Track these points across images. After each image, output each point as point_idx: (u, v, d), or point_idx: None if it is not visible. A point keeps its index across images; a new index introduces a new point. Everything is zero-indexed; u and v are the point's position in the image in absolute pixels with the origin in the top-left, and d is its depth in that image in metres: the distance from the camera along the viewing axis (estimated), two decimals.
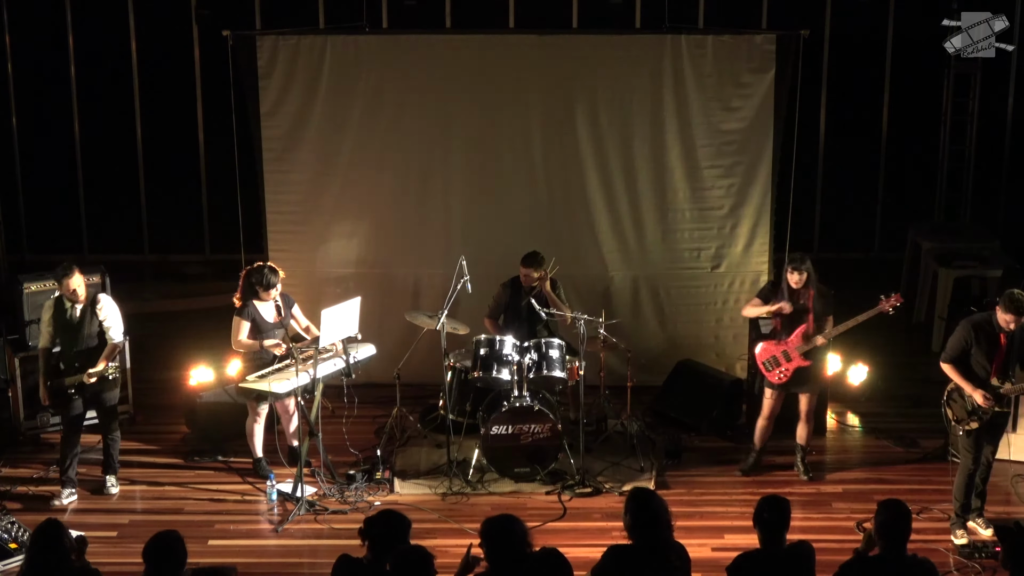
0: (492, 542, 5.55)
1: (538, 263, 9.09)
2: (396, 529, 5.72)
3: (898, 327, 11.52)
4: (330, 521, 8.14)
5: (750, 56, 9.80)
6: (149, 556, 5.59)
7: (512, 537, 5.57)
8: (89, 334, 8.35)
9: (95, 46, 12.41)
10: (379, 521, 5.74)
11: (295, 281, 9.56)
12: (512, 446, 8.58)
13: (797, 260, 8.45)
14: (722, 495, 8.57)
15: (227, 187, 11.33)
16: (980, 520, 7.96)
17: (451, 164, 10.08)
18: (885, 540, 5.72)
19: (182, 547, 5.65)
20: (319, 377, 8.30)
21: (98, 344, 8.39)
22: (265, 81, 9.84)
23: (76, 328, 8.33)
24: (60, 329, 8.36)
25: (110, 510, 8.38)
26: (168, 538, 5.64)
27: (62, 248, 12.53)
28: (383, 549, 5.64)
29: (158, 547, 5.60)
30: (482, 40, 10.18)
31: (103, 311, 8.39)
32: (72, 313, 8.33)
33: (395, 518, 5.77)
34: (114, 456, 8.64)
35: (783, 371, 8.54)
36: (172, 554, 5.60)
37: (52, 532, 5.72)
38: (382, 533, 5.69)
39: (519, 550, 5.57)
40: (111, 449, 8.62)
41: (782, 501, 5.84)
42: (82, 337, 8.33)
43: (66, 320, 8.33)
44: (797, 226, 10.14)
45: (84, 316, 8.33)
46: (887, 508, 5.77)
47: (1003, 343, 7.63)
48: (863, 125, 12.63)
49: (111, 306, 8.49)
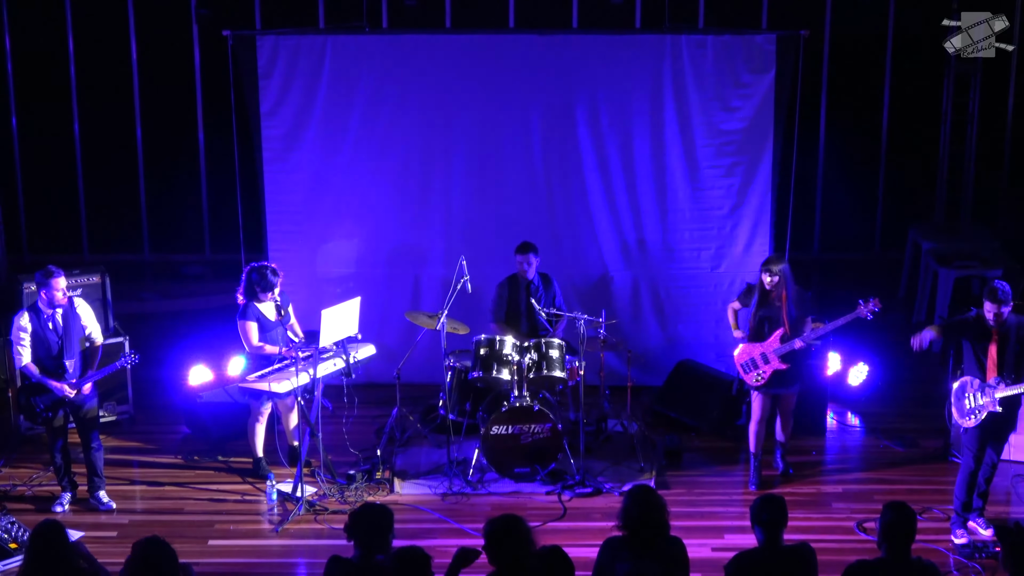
0: (497, 542, 5.55)
1: (535, 247, 9.18)
2: (379, 522, 5.71)
3: (898, 327, 11.53)
4: (330, 521, 8.14)
5: (750, 56, 9.80)
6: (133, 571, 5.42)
7: (517, 537, 5.58)
8: (77, 337, 8.26)
9: (95, 46, 12.40)
10: (361, 517, 5.73)
11: (295, 281, 9.56)
12: (512, 446, 8.58)
13: (770, 262, 8.45)
14: (722, 495, 8.57)
15: (227, 187, 11.34)
16: (980, 520, 7.96)
17: (451, 164, 10.09)
18: (889, 543, 5.71)
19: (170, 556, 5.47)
20: (319, 377, 8.30)
21: (82, 348, 8.31)
22: (265, 81, 9.85)
23: (63, 333, 8.19)
24: (41, 340, 8.14)
25: (110, 510, 8.37)
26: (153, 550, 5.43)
27: (62, 248, 12.53)
28: (369, 544, 5.66)
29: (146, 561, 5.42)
30: (482, 40, 10.18)
31: (85, 315, 8.31)
32: (54, 320, 8.16)
33: (376, 511, 5.76)
34: (99, 470, 8.40)
35: (760, 374, 8.49)
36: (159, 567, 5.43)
37: (51, 533, 5.70)
38: (366, 529, 5.69)
39: (524, 550, 5.57)
40: (96, 465, 8.38)
41: (778, 500, 5.83)
42: (71, 340, 8.22)
43: (48, 329, 8.15)
44: (797, 226, 10.15)
45: (67, 319, 8.21)
46: (892, 511, 5.75)
47: (995, 338, 7.66)
48: (863, 125, 12.63)
49: (87, 308, 8.42)
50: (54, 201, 12.80)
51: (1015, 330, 7.64)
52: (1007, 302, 7.55)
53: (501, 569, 5.56)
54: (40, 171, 12.76)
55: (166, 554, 5.45)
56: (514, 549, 5.53)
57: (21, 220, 12.78)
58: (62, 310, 8.17)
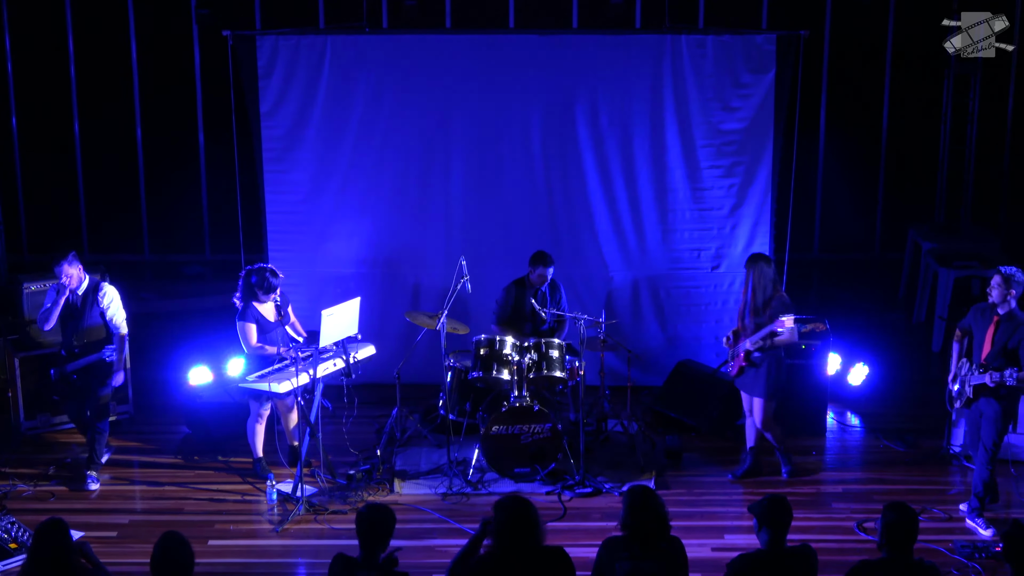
0: (506, 522, 5.59)
1: (551, 259, 9.21)
2: (381, 523, 5.75)
3: (898, 327, 11.55)
4: (330, 521, 8.14)
5: (750, 56, 9.80)
6: (157, 564, 5.54)
7: (526, 519, 5.62)
8: (90, 321, 8.49)
9: (95, 46, 12.41)
10: (363, 517, 5.77)
11: (295, 281, 9.56)
12: (512, 446, 8.58)
13: (750, 258, 8.52)
14: (722, 495, 8.56)
15: (227, 187, 11.35)
16: (980, 520, 7.95)
17: (451, 164, 10.08)
18: (891, 544, 5.71)
19: (188, 553, 5.60)
20: (319, 377, 8.30)
21: (98, 333, 8.52)
22: (265, 81, 9.85)
23: (76, 315, 8.48)
24: (64, 316, 8.51)
25: (110, 510, 8.38)
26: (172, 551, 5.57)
27: (62, 248, 12.49)
28: (373, 543, 5.71)
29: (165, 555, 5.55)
30: (482, 40, 10.18)
31: (106, 299, 8.54)
32: (73, 299, 8.47)
33: (377, 512, 5.79)
34: (98, 451, 8.65)
35: (733, 364, 8.61)
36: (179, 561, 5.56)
37: (54, 532, 5.70)
38: (367, 529, 5.73)
39: (532, 538, 5.60)
40: (95, 444, 8.63)
41: (782, 501, 5.84)
42: (81, 323, 8.48)
43: (68, 305, 8.49)
44: (797, 226, 10.14)
45: (85, 303, 8.47)
46: (892, 511, 5.76)
47: (992, 325, 7.75)
48: (863, 125, 12.64)
49: (114, 295, 8.61)
50: (54, 201, 12.81)
51: (1006, 322, 7.74)
52: (1013, 285, 7.69)
53: (506, 552, 5.56)
54: (40, 171, 12.77)
55: (186, 548, 5.60)
56: (521, 529, 5.55)
57: (21, 220, 12.80)
58: (83, 293, 8.47)
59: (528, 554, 5.64)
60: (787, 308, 8.30)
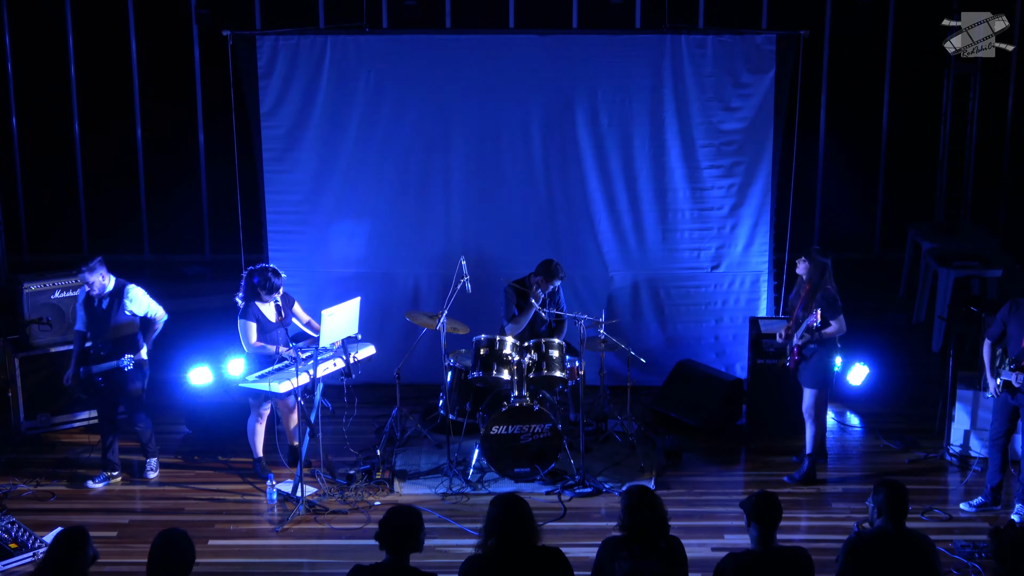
0: (498, 517, 5.61)
1: (562, 272, 9.19)
2: (409, 524, 5.69)
3: (898, 327, 11.55)
4: (330, 521, 8.14)
5: (750, 56, 9.80)
6: (155, 556, 5.49)
7: (519, 517, 5.63)
8: (115, 324, 8.51)
9: (95, 45, 12.41)
10: (388, 522, 5.68)
11: (295, 281, 9.56)
12: (512, 446, 8.58)
13: (804, 251, 8.55)
14: (722, 495, 8.56)
15: (227, 187, 11.34)
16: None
17: (451, 164, 10.08)
18: (887, 516, 5.86)
19: (190, 549, 5.56)
20: (319, 377, 8.30)
21: (124, 334, 8.55)
22: (265, 81, 9.85)
23: (102, 317, 8.51)
24: (89, 317, 8.56)
25: (110, 510, 8.38)
26: (175, 539, 5.54)
27: (62, 248, 12.54)
28: (401, 546, 5.63)
29: (166, 548, 5.51)
30: (482, 40, 10.18)
31: (132, 304, 8.56)
32: (99, 302, 8.52)
33: (405, 513, 5.73)
34: (147, 442, 8.81)
35: (789, 360, 8.66)
36: (179, 555, 5.52)
37: (76, 541, 5.59)
38: (393, 532, 5.65)
39: (526, 535, 5.59)
40: (141, 438, 8.79)
41: (770, 497, 5.83)
42: (107, 326, 8.50)
43: (93, 308, 8.53)
44: (797, 226, 10.15)
45: (111, 306, 8.50)
46: (886, 486, 5.92)
47: None
48: (863, 125, 12.64)
49: (140, 297, 8.64)
50: (54, 201, 12.82)
51: None
52: None
53: (504, 549, 5.57)
54: (40, 171, 12.77)
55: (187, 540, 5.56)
56: (514, 525, 5.57)
57: (21, 220, 12.80)
58: (108, 298, 8.52)
59: (524, 552, 5.63)
60: (830, 303, 8.36)
